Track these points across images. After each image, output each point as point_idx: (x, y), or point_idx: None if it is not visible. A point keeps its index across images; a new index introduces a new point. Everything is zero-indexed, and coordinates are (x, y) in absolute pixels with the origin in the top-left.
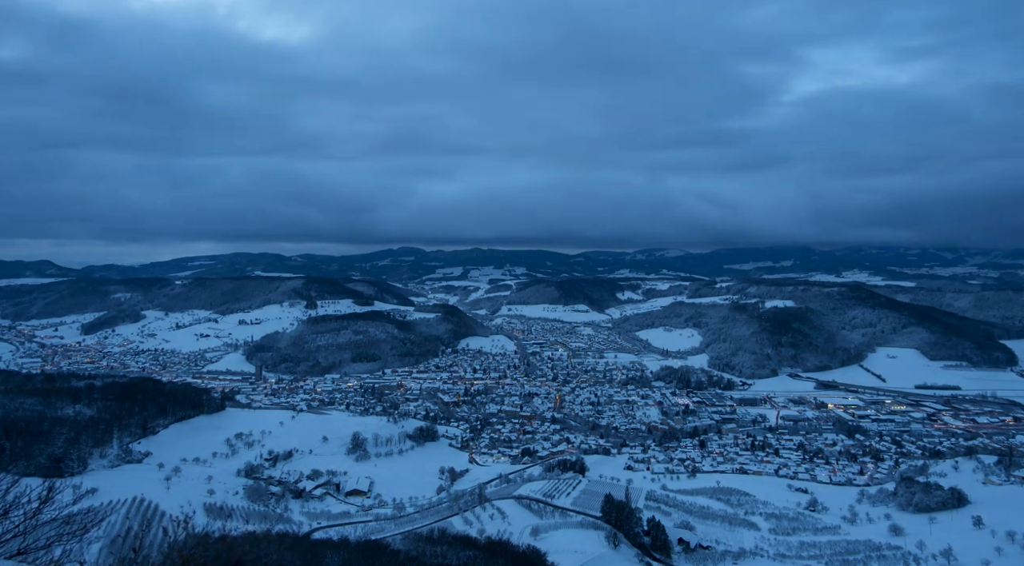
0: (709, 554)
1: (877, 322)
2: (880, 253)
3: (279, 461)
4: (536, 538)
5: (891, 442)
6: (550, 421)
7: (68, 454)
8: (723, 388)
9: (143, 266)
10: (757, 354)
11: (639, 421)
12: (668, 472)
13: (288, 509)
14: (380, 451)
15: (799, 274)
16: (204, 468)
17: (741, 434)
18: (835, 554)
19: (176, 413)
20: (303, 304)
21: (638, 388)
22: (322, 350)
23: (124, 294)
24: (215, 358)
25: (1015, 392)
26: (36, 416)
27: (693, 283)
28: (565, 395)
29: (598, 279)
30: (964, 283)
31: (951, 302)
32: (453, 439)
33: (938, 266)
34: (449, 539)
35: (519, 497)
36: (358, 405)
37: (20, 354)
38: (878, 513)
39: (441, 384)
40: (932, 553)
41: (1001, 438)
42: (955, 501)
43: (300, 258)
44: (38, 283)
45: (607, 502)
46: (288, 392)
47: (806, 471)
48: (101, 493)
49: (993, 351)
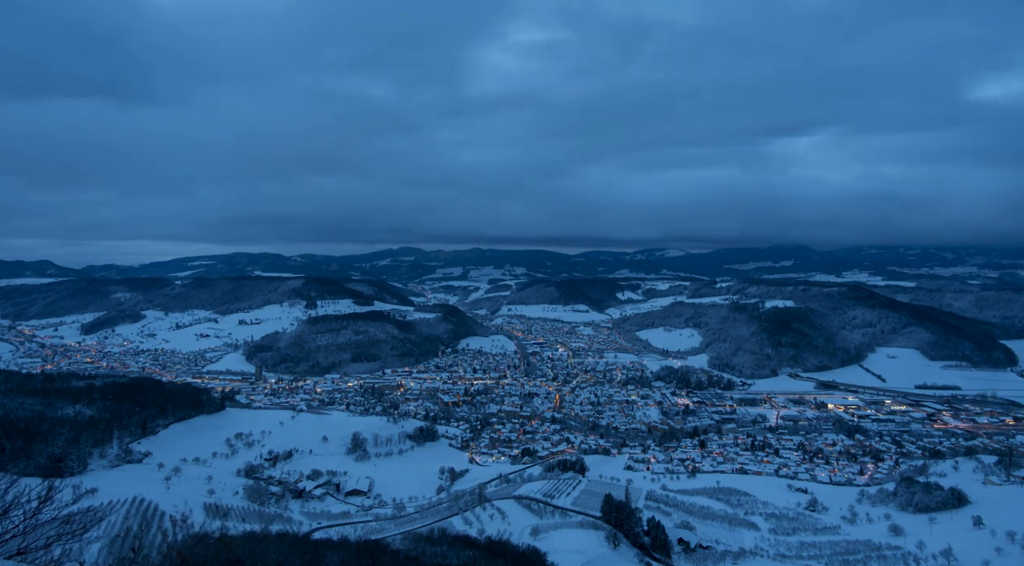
0: (709, 554)
1: (877, 322)
2: (880, 253)
3: (279, 461)
4: (536, 538)
5: (891, 442)
6: (550, 421)
7: (68, 454)
8: (723, 388)
9: (143, 266)
10: (757, 354)
11: (639, 421)
12: (668, 472)
13: (288, 509)
14: (380, 451)
15: (799, 274)
16: (204, 468)
17: (741, 434)
18: (835, 554)
19: (176, 413)
20: (303, 304)
21: (638, 388)
22: (322, 350)
23: (124, 294)
24: (215, 358)
25: (1015, 392)
26: (36, 416)
27: (693, 283)
28: (565, 395)
29: (598, 279)
30: (964, 283)
31: (951, 302)
32: (453, 439)
33: (938, 266)
34: (449, 539)
35: (519, 497)
36: (358, 405)
37: (20, 354)
38: (878, 513)
39: (441, 384)
40: (932, 553)
41: (1001, 438)
42: (955, 501)
43: (300, 258)
44: (38, 283)
45: (607, 502)
46: (288, 392)
47: (806, 471)
48: (101, 493)
49: (993, 351)
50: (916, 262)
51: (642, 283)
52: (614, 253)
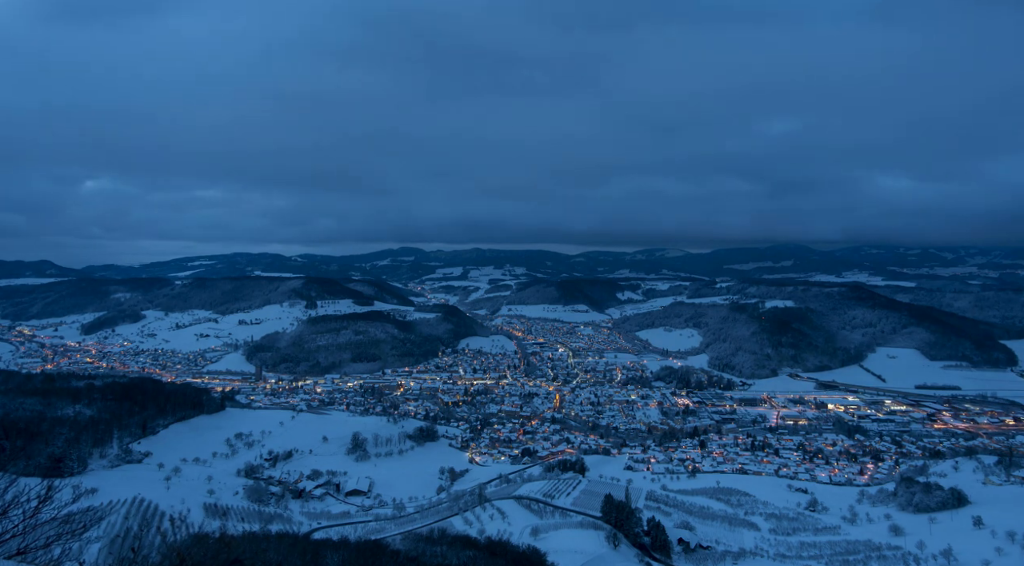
0: (709, 554)
1: (877, 322)
2: (880, 253)
3: (279, 461)
4: (536, 538)
5: (891, 442)
6: (550, 421)
7: (68, 454)
8: (723, 388)
9: (143, 266)
10: (757, 354)
11: (639, 421)
12: (668, 472)
13: (288, 509)
14: (380, 451)
15: (799, 274)
16: (204, 468)
17: (741, 434)
18: (835, 554)
19: (176, 413)
20: (303, 304)
21: (638, 388)
22: (322, 350)
23: (124, 294)
24: (215, 358)
25: (1015, 392)
26: (36, 416)
27: (693, 283)
28: (565, 395)
29: (598, 279)
30: (964, 283)
31: (951, 302)
32: (453, 439)
33: (938, 266)
34: (449, 539)
35: (519, 497)
36: (358, 405)
37: (20, 354)
38: (878, 513)
39: (441, 384)
40: (932, 553)
41: (1001, 438)
42: (955, 501)
43: (300, 258)
44: (38, 283)
45: (607, 502)
46: (288, 392)
47: (806, 471)
48: (101, 493)
49: (993, 351)
50: (916, 262)
51: (642, 283)
52: (614, 253)
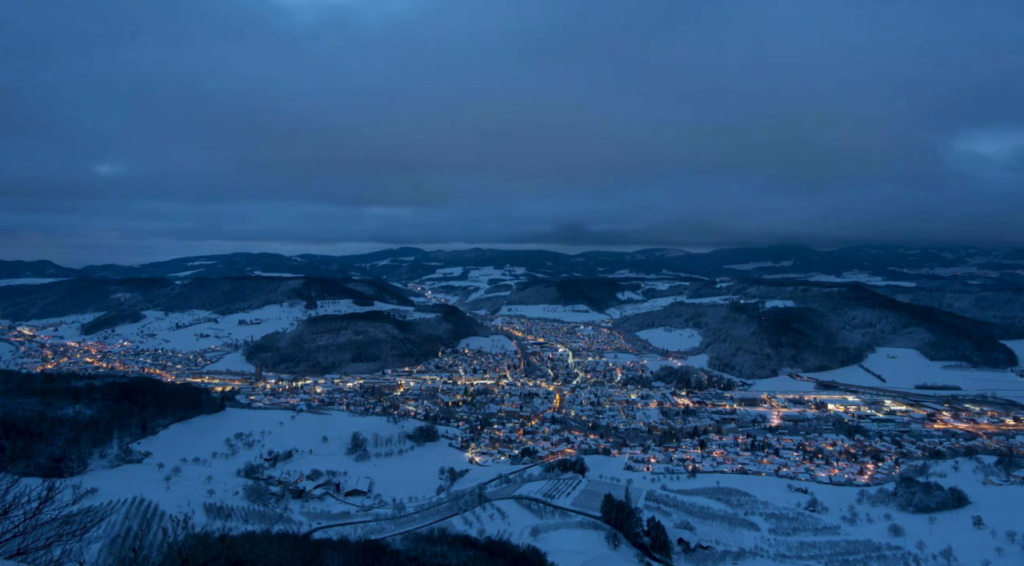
0: (709, 554)
1: (877, 322)
2: (880, 253)
3: (279, 461)
4: (536, 538)
5: (891, 442)
6: (550, 421)
7: (68, 454)
8: (723, 388)
9: (143, 266)
10: (757, 354)
11: (639, 421)
12: (668, 472)
13: (288, 509)
14: (380, 451)
15: (799, 274)
16: (204, 468)
17: (741, 434)
18: (835, 554)
19: (176, 413)
20: (303, 304)
21: (638, 388)
22: (322, 350)
23: (124, 294)
24: (215, 358)
25: (1015, 392)
26: (36, 416)
27: (693, 283)
28: (565, 395)
29: (598, 279)
30: (964, 283)
31: (951, 302)
32: (453, 439)
33: (938, 266)
34: (449, 539)
35: (519, 497)
36: (358, 405)
37: (20, 354)
38: (878, 513)
39: (441, 384)
40: (932, 553)
41: (1001, 438)
42: (955, 501)
43: (300, 258)
44: (38, 283)
45: (607, 502)
46: (288, 392)
47: (806, 471)
48: (101, 493)
49: (993, 351)
50: (916, 262)
51: (642, 283)
52: (614, 253)
